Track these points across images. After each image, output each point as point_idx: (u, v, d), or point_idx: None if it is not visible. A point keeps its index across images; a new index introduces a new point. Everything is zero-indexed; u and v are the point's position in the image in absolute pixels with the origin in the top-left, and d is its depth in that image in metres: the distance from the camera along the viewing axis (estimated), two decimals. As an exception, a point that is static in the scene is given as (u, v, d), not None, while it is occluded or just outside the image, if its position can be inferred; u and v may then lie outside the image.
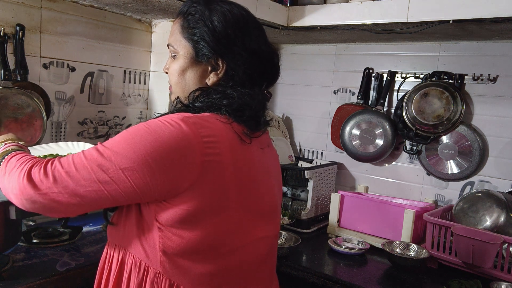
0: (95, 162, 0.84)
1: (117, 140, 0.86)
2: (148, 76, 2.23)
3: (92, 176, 0.83)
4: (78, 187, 0.84)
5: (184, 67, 1.00)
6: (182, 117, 0.87)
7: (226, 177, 0.88)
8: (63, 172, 0.84)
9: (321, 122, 2.47)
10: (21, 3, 1.68)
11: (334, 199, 2.02)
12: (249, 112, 0.95)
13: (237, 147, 0.92)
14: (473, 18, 1.55)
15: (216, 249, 0.91)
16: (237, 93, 0.95)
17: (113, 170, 0.83)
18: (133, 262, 0.92)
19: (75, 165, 0.85)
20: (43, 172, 0.86)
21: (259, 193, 0.98)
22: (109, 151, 0.84)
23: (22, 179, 0.86)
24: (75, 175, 0.84)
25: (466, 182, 2.02)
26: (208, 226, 0.88)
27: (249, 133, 0.95)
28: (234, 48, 0.96)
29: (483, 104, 1.97)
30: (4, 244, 1.27)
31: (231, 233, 0.92)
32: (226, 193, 0.89)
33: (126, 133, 0.87)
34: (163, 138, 0.83)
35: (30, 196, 0.86)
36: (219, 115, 0.93)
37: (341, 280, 1.54)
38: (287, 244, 1.80)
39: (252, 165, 0.96)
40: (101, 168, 0.83)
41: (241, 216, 0.93)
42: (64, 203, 0.85)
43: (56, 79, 1.84)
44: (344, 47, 2.37)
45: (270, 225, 1.03)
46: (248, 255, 0.97)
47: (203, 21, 0.96)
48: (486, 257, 1.52)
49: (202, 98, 0.96)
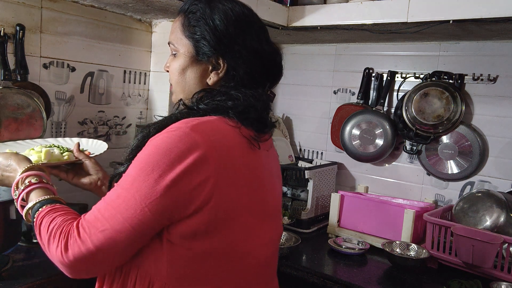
0: (123, 208, 0.81)
1: (135, 174, 0.83)
2: (148, 76, 2.23)
3: (125, 225, 0.81)
4: (116, 241, 0.81)
5: (184, 66, 0.98)
6: (190, 125, 0.83)
7: (238, 183, 0.86)
8: (99, 234, 0.81)
9: (321, 122, 2.47)
10: (21, 3, 1.68)
11: (334, 199, 2.02)
12: (254, 114, 0.92)
13: (246, 152, 0.90)
14: (473, 18, 1.55)
15: (225, 256, 0.89)
16: (241, 95, 0.92)
17: (140, 210, 0.80)
18: (138, 274, 0.89)
19: (107, 219, 0.82)
20: (80, 242, 0.82)
21: (265, 195, 0.97)
22: (132, 190, 0.81)
23: (61, 255, 0.83)
24: (110, 233, 0.81)
25: (466, 182, 2.02)
26: (220, 235, 0.86)
27: (257, 136, 0.93)
28: (235, 47, 0.94)
29: (483, 104, 1.97)
30: (4, 244, 1.27)
31: (241, 240, 0.90)
32: (239, 199, 0.87)
33: (139, 163, 0.83)
34: (178, 155, 0.80)
35: (79, 268, 0.84)
36: (227, 118, 0.90)
37: (341, 280, 1.54)
38: (287, 244, 1.80)
39: (260, 169, 0.95)
40: (130, 213, 0.81)
41: (250, 222, 0.91)
42: (105, 259, 0.83)
43: (56, 79, 1.84)
44: (344, 47, 2.37)
45: (274, 226, 1.02)
46: (255, 259, 0.95)
47: (204, 19, 0.94)
48: (486, 257, 1.52)
49: (206, 100, 0.93)
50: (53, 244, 0.85)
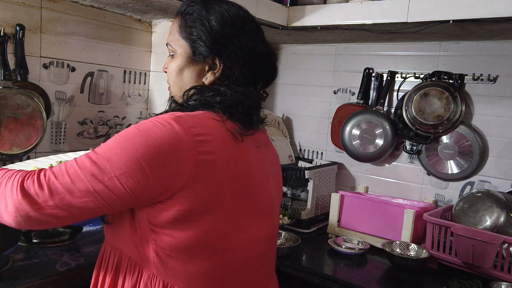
0: (89, 172, 0.82)
1: (110, 145, 0.84)
2: (148, 76, 2.23)
3: (87, 186, 0.81)
4: (74, 198, 0.81)
5: (181, 66, 1.00)
6: (173, 116, 0.87)
7: (219, 175, 0.88)
8: (58, 184, 0.82)
9: (321, 122, 2.47)
10: (21, 3, 1.68)
11: (334, 199, 2.02)
12: (242, 109, 0.94)
13: (230, 145, 0.91)
14: (473, 18, 1.55)
15: (210, 248, 0.91)
16: (230, 91, 0.95)
17: (108, 178, 0.81)
18: (128, 263, 0.92)
19: (70, 176, 0.82)
20: (37, 184, 0.82)
21: (254, 191, 0.97)
22: (103, 158, 0.83)
23: (16, 194, 0.82)
24: (70, 187, 0.81)
25: (466, 182, 2.02)
26: (201, 225, 0.88)
27: (242, 130, 0.95)
28: (231, 47, 0.96)
29: (483, 104, 1.97)
30: (4, 244, 1.27)
31: (225, 232, 0.92)
32: (220, 191, 0.89)
33: (118, 137, 0.85)
34: (155, 139, 0.83)
35: (26, 212, 0.82)
36: (213, 112, 0.93)
37: (341, 280, 1.54)
38: (287, 244, 1.80)
39: (247, 163, 0.96)
40: (96, 178, 0.81)
41: (235, 215, 0.92)
42: (60, 216, 0.83)
43: (56, 79, 1.84)
44: (344, 47, 2.37)
45: (266, 225, 1.03)
46: (242, 254, 0.96)
47: (200, 20, 0.97)
48: (486, 257, 1.52)
49: (195, 96, 0.97)
50: (8, 184, 0.85)
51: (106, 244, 1.00)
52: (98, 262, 1.01)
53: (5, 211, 0.84)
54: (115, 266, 0.95)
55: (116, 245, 0.95)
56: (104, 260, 0.99)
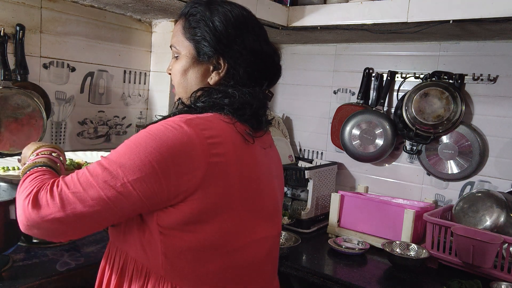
0: (101, 178, 0.81)
1: (121, 151, 0.84)
2: (148, 76, 2.23)
3: (100, 193, 0.81)
4: (86, 208, 0.81)
5: (186, 67, 1.01)
6: (184, 119, 0.86)
7: (230, 177, 0.88)
8: (69, 194, 0.81)
9: (321, 122, 2.47)
10: (21, 3, 1.68)
11: (334, 199, 2.02)
12: (250, 111, 0.95)
13: (240, 147, 0.92)
14: (473, 18, 1.55)
15: (219, 249, 0.90)
16: (238, 92, 0.95)
17: (120, 184, 0.81)
18: (135, 266, 0.91)
19: (82, 184, 0.82)
20: (50, 195, 0.82)
21: (261, 192, 0.98)
22: (115, 164, 0.82)
23: (27, 205, 0.82)
24: (82, 195, 0.81)
25: (466, 182, 2.02)
26: (211, 227, 0.88)
27: (252, 132, 0.95)
28: (235, 47, 0.97)
29: (483, 104, 1.97)
30: (4, 244, 1.27)
31: (233, 233, 0.92)
32: (230, 193, 0.89)
33: (128, 142, 0.85)
34: (167, 143, 0.82)
35: (36, 223, 0.81)
36: (222, 115, 0.93)
37: (341, 280, 1.54)
38: (287, 244, 1.80)
39: (255, 165, 0.96)
40: (109, 184, 0.81)
41: (243, 216, 0.93)
42: (72, 226, 0.82)
43: (56, 79, 1.84)
44: (344, 47, 2.37)
45: (271, 225, 1.03)
46: (249, 255, 0.96)
47: (204, 21, 0.97)
48: (486, 257, 1.52)
49: (204, 98, 0.97)
50: (25, 193, 0.85)
51: (111, 246, 0.99)
52: (102, 264, 1.01)
53: (18, 217, 0.85)
54: (121, 269, 0.94)
55: (122, 247, 0.95)
56: (109, 262, 0.98)
